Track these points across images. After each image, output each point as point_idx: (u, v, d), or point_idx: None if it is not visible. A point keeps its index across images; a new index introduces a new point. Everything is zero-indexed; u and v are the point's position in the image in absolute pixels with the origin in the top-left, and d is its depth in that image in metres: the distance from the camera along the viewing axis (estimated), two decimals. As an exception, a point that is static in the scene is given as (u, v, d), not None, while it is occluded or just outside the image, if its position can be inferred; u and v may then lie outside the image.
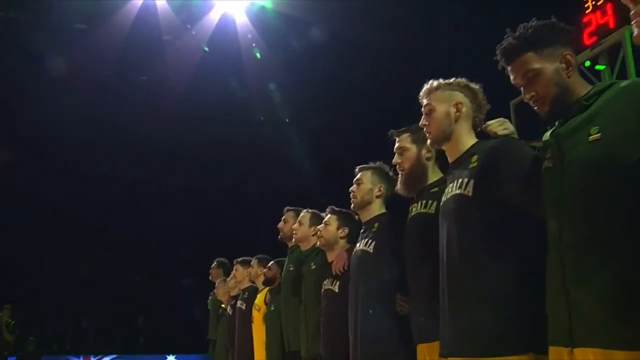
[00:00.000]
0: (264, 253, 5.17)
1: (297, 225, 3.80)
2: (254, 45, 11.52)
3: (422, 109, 2.30)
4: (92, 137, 12.50)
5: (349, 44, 10.47)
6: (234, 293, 5.45)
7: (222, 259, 6.25)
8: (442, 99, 2.26)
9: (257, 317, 4.64)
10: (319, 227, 3.45)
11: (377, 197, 3.00)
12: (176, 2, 10.43)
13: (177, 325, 12.66)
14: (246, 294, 5.07)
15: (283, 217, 4.15)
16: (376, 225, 2.93)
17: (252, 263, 4.85)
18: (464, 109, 2.23)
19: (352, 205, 3.07)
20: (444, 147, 2.29)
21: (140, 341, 12.25)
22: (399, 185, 2.67)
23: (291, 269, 3.92)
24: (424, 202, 2.53)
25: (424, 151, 2.64)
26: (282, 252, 4.57)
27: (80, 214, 14.15)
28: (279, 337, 4.10)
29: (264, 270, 4.44)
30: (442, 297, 2.11)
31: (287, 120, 13.39)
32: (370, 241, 2.86)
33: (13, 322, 9.02)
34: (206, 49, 11.37)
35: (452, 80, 2.28)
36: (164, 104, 11.73)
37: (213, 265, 6.23)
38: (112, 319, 12.40)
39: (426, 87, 2.30)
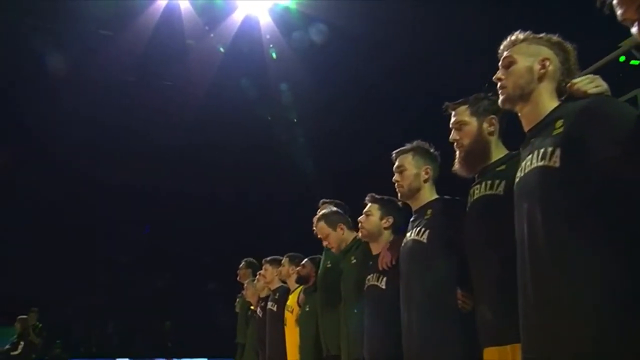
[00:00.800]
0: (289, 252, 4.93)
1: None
2: (271, 45, 11.31)
3: (500, 63, 1.94)
4: (114, 143, 12.41)
5: (369, 46, 10.18)
6: (263, 294, 5.12)
7: (251, 259, 5.92)
8: (527, 52, 1.90)
9: (290, 318, 4.30)
10: (359, 218, 3.10)
11: (425, 181, 2.65)
12: (199, 3, 10.19)
13: (204, 329, 12.39)
14: (277, 294, 4.73)
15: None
16: (429, 212, 2.57)
17: (283, 262, 4.51)
18: (550, 68, 1.87)
19: (399, 196, 2.71)
20: (518, 110, 1.91)
21: (168, 345, 11.98)
22: (456, 165, 2.30)
23: (329, 265, 3.58)
24: (488, 182, 2.17)
25: (485, 124, 2.28)
26: (308, 252, 4.35)
27: (106, 219, 14.02)
28: (314, 340, 3.76)
29: (298, 268, 4.10)
30: (524, 292, 1.73)
31: (295, 120, 13.12)
32: (423, 230, 2.50)
33: (40, 325, 8.81)
34: (222, 49, 11.16)
35: (542, 34, 1.93)
36: (187, 108, 11.59)
37: (241, 265, 5.90)
38: (137, 323, 12.17)
39: (510, 38, 1.95)
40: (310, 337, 3.80)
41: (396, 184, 2.69)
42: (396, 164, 2.70)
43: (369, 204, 3.08)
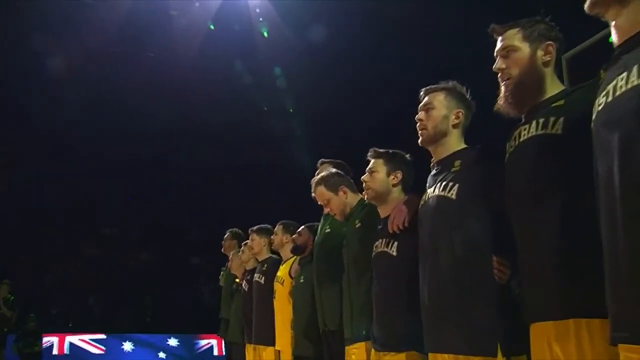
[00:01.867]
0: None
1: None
2: (261, 19, 10.75)
3: None
4: (96, 114, 11.95)
5: (364, 31, 9.70)
6: (249, 266, 4.64)
7: (236, 230, 5.43)
8: None
9: (281, 291, 3.84)
10: (363, 177, 2.61)
11: (455, 126, 2.17)
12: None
13: (186, 304, 11.94)
14: (265, 266, 4.26)
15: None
16: (457, 163, 2.08)
17: (275, 230, 4.02)
18: None
19: (420, 140, 2.21)
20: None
21: (147, 320, 11.49)
22: (501, 101, 1.82)
23: (328, 230, 3.10)
24: (541, 120, 1.70)
25: (540, 52, 1.80)
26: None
27: (88, 190, 13.49)
28: (309, 315, 3.29)
29: (293, 236, 3.62)
30: (613, 256, 1.28)
31: (290, 110, 12.67)
32: (450, 184, 2.03)
33: (12, 297, 8.24)
34: (212, 26, 10.61)
35: None
36: (171, 80, 11.09)
37: (226, 236, 5.41)
38: (119, 297, 11.68)
39: None
40: (305, 312, 3.34)
41: (419, 125, 2.19)
42: (424, 101, 2.22)
43: (372, 160, 2.59)
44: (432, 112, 2.15)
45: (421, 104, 2.21)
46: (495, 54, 1.86)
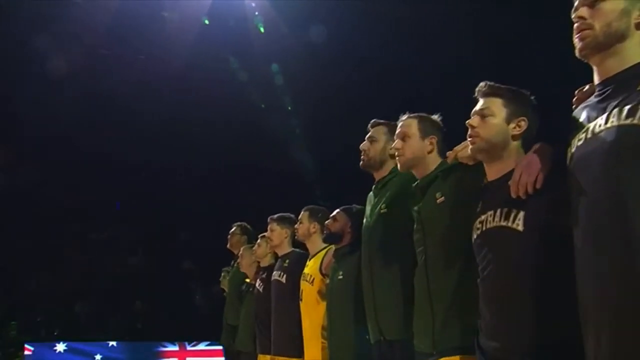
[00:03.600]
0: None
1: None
2: (256, 13, 10.08)
3: None
4: (85, 115, 11.33)
5: (364, 27, 9.09)
6: (265, 263, 3.89)
7: (245, 224, 4.67)
8: None
9: (310, 292, 3.10)
10: (468, 121, 1.81)
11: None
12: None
13: (178, 310, 11.10)
14: (287, 261, 3.51)
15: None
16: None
17: (300, 217, 3.28)
18: None
19: (583, 44, 1.44)
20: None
21: (138, 327, 10.61)
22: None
23: (384, 209, 2.36)
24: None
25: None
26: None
27: (75, 194, 12.74)
28: (353, 320, 2.56)
29: (327, 221, 2.87)
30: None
31: (289, 108, 12.00)
32: (621, 112, 1.30)
33: (-10, 304, 7.38)
34: (207, 21, 9.93)
35: None
36: (163, 82, 10.43)
37: (233, 230, 4.65)
38: (107, 303, 10.83)
39: None
40: (346, 316, 2.61)
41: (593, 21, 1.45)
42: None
43: (484, 100, 1.81)
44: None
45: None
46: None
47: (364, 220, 2.50)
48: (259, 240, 3.94)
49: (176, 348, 9.45)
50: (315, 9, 9.13)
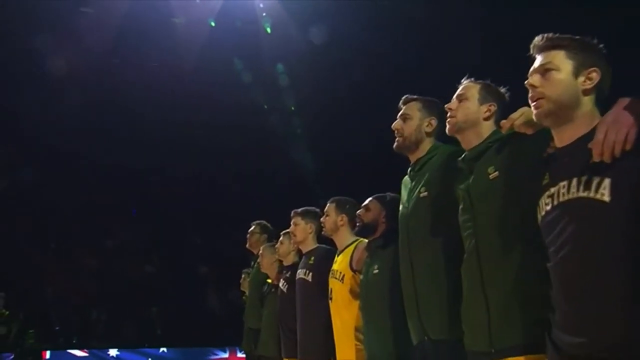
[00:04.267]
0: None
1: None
2: (264, 14, 9.87)
3: None
4: (98, 124, 11.34)
5: (371, 27, 8.88)
6: (288, 261, 3.64)
7: (265, 222, 4.43)
8: None
9: (340, 290, 2.85)
10: (528, 81, 1.54)
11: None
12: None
13: (195, 316, 10.88)
14: (312, 258, 3.26)
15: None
16: None
17: (327, 210, 3.03)
18: None
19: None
20: None
21: (157, 333, 10.39)
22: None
23: (424, 193, 2.11)
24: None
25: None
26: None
27: (90, 201, 12.63)
28: (390, 318, 2.31)
29: (359, 212, 2.62)
30: None
31: (292, 108, 11.79)
32: None
33: (7, 312, 7.18)
34: (213, 23, 9.74)
35: None
36: (172, 87, 10.32)
37: (252, 229, 4.41)
38: (124, 310, 10.64)
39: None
40: (383, 314, 2.36)
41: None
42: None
43: (545, 54, 1.54)
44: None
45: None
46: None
47: (401, 208, 2.24)
48: (281, 238, 3.70)
49: (226, 355, 9.36)
50: (322, 9, 8.93)
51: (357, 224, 2.59)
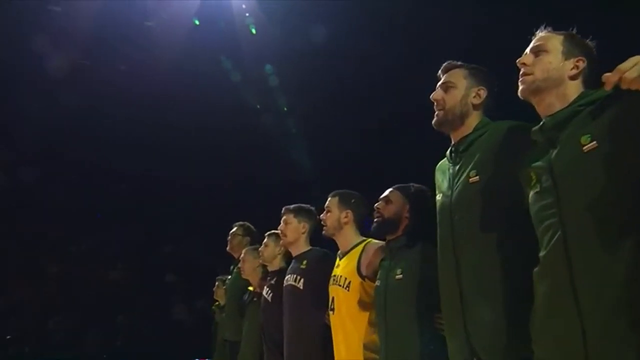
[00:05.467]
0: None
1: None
2: (247, 15, 9.37)
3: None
4: (66, 123, 10.46)
5: (361, 26, 8.47)
6: (274, 266, 3.09)
7: (247, 223, 3.87)
8: None
9: (345, 300, 2.31)
10: None
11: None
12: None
13: (160, 326, 10.14)
14: (304, 262, 2.71)
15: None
16: None
17: (328, 205, 2.48)
18: None
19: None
20: None
21: (117, 344, 9.61)
22: None
23: (474, 177, 1.62)
24: None
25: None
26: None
27: (52, 203, 11.84)
28: (419, 331, 1.78)
29: (378, 205, 2.09)
30: None
31: (285, 108, 11.29)
32: None
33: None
34: (197, 22, 9.21)
35: None
36: (149, 86, 9.68)
37: (234, 230, 3.83)
38: (85, 318, 9.84)
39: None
40: (410, 328, 1.84)
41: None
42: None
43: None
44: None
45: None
46: None
47: (439, 197, 1.73)
48: (265, 240, 3.15)
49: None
50: (310, 8, 8.50)
51: (376, 219, 2.06)
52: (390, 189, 2.09)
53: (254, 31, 9.39)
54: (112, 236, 12.48)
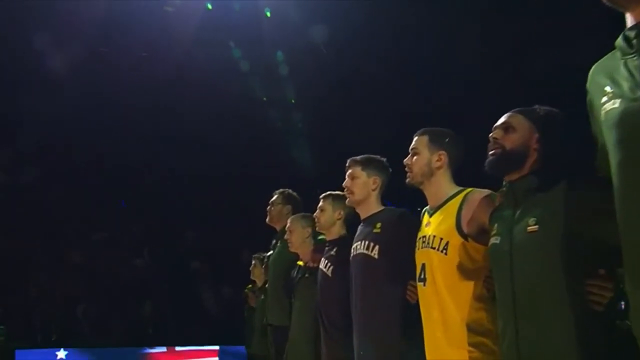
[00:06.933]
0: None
1: None
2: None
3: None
4: (87, 117, 10.18)
5: (376, 18, 7.97)
6: (333, 235, 2.56)
7: (288, 190, 3.36)
8: None
9: (441, 265, 1.75)
10: None
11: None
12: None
13: (189, 313, 9.80)
14: (378, 225, 2.16)
15: None
16: None
17: (414, 144, 1.92)
18: None
19: None
20: None
21: (149, 332, 9.26)
22: None
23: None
24: None
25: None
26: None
27: (78, 193, 11.65)
28: (571, 304, 1.26)
29: (494, 134, 1.55)
30: None
31: (292, 101, 10.85)
32: None
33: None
34: (210, 6, 8.74)
35: None
36: (163, 78, 9.34)
37: (274, 198, 3.31)
38: (112, 306, 9.55)
39: None
40: (556, 299, 1.30)
41: None
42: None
43: None
44: None
45: None
46: None
47: (615, 104, 1.17)
48: (321, 203, 2.62)
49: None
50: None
51: (492, 152, 1.52)
52: (509, 113, 1.54)
53: (268, 14, 8.86)
54: (136, 224, 12.24)
